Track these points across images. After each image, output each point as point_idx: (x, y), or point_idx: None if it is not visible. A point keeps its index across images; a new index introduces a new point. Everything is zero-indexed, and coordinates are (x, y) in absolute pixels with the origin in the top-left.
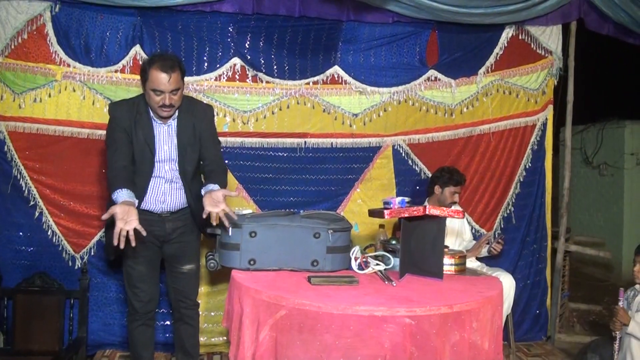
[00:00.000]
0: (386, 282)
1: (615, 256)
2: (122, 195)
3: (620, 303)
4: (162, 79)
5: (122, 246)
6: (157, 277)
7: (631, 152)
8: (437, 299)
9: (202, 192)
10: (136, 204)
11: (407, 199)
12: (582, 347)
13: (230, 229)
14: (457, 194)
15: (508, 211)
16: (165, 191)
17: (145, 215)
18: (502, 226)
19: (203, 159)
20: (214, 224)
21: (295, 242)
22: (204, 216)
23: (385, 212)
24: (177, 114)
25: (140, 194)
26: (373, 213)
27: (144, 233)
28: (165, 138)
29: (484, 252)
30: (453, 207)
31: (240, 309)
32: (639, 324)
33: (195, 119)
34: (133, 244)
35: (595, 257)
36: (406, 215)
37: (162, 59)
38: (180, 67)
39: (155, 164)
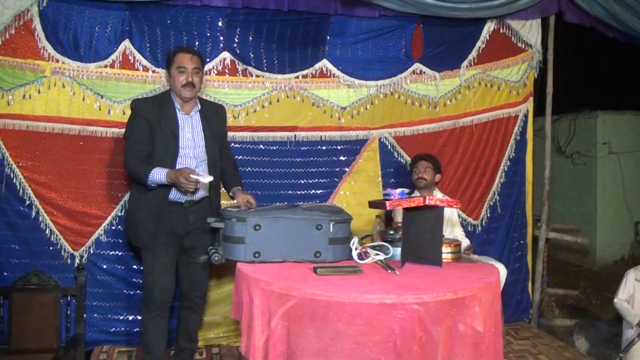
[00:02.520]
0: (389, 271)
1: (589, 242)
2: (158, 171)
3: None
4: (186, 57)
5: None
6: (174, 270)
7: (603, 142)
8: (442, 285)
9: (232, 189)
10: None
11: (406, 190)
12: (567, 329)
13: (235, 222)
14: (421, 169)
15: (494, 200)
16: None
17: (170, 208)
18: (489, 215)
19: (221, 154)
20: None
21: (298, 234)
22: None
23: (387, 203)
24: (199, 107)
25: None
26: (374, 204)
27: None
28: (189, 128)
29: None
30: (441, 195)
31: (250, 301)
32: None
33: (216, 114)
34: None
35: (570, 244)
36: (406, 205)
37: (186, 46)
38: (201, 55)
39: (180, 150)
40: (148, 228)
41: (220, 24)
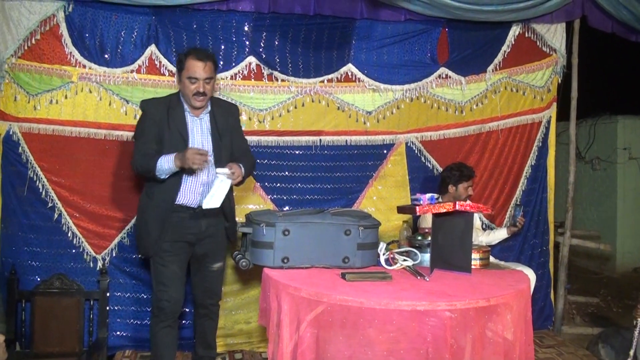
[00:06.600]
0: (418, 277)
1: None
2: (165, 157)
3: None
4: (197, 66)
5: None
6: (185, 278)
7: (624, 147)
8: (473, 292)
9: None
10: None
11: (436, 196)
12: (592, 338)
13: (264, 227)
14: (470, 188)
15: None
16: (204, 182)
17: (181, 213)
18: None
19: (234, 153)
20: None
21: (327, 240)
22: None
23: (417, 208)
24: (209, 108)
25: (175, 186)
26: (403, 209)
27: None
28: (198, 130)
29: (502, 233)
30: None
31: (278, 307)
32: None
33: (227, 114)
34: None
35: (589, 250)
36: (436, 211)
37: (198, 50)
38: (214, 59)
39: None
40: (151, 234)
41: (246, 28)
